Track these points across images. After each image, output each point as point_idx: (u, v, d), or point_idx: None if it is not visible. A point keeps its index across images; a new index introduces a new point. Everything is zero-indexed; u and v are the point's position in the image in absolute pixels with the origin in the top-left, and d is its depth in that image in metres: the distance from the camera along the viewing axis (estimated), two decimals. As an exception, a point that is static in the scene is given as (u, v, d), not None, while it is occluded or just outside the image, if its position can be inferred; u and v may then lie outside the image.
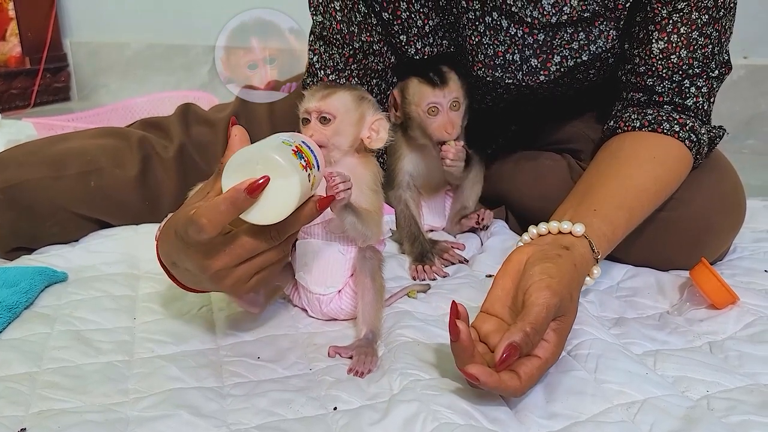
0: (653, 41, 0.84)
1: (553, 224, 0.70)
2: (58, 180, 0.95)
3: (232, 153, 0.57)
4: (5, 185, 0.93)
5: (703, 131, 0.85)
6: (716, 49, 0.84)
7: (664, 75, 0.85)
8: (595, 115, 1.01)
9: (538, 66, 0.88)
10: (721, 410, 0.58)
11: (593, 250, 0.70)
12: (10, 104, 2.52)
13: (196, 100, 1.61)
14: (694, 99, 0.86)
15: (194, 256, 0.59)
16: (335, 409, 0.60)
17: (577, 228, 0.69)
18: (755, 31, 1.76)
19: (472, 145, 0.98)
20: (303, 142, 0.60)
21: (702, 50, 0.83)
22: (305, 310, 0.78)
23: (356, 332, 0.73)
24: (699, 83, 0.85)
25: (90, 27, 2.74)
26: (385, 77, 0.95)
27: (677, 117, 0.85)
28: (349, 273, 0.75)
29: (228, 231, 0.59)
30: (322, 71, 0.92)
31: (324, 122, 0.71)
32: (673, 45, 0.83)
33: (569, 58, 0.88)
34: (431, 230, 1.05)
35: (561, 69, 0.88)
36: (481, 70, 0.91)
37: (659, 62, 0.84)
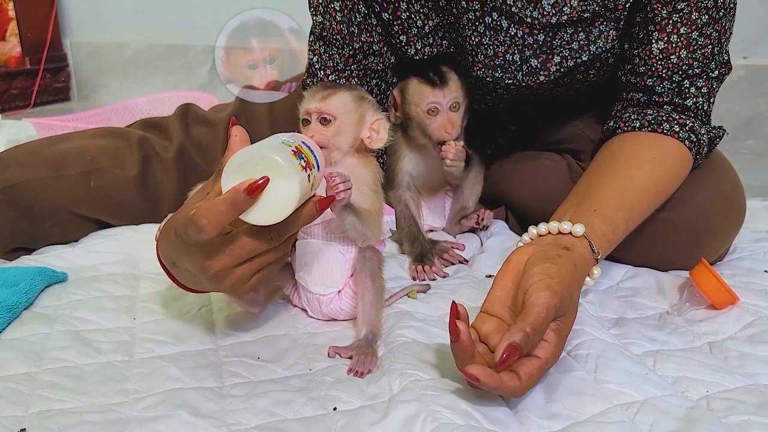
0: (653, 41, 0.84)
1: (553, 224, 0.70)
2: (58, 180, 0.95)
3: (232, 153, 0.57)
4: (5, 185, 0.93)
5: (702, 131, 0.85)
6: (716, 50, 0.84)
7: (663, 75, 0.85)
8: (595, 116, 1.01)
9: (538, 66, 0.88)
10: (721, 410, 0.58)
11: (593, 251, 0.70)
12: (10, 104, 2.52)
13: (196, 100, 1.61)
14: (694, 99, 0.86)
15: (194, 256, 0.59)
16: (335, 409, 0.60)
17: (577, 228, 0.69)
18: (755, 31, 1.76)
19: (472, 145, 0.98)
20: (303, 142, 0.60)
21: (702, 50, 0.83)
22: (305, 311, 0.78)
23: (356, 332, 0.73)
24: (699, 83, 0.85)
25: (90, 27, 2.74)
26: (384, 77, 0.95)
27: (677, 117, 0.85)
28: (349, 273, 0.75)
29: (228, 231, 0.59)
30: (321, 71, 0.92)
31: (324, 123, 0.71)
32: (673, 45, 0.83)
33: (569, 59, 0.88)
34: (431, 230, 1.05)
35: (561, 69, 0.88)
36: (481, 71, 0.91)
37: (659, 62, 0.84)
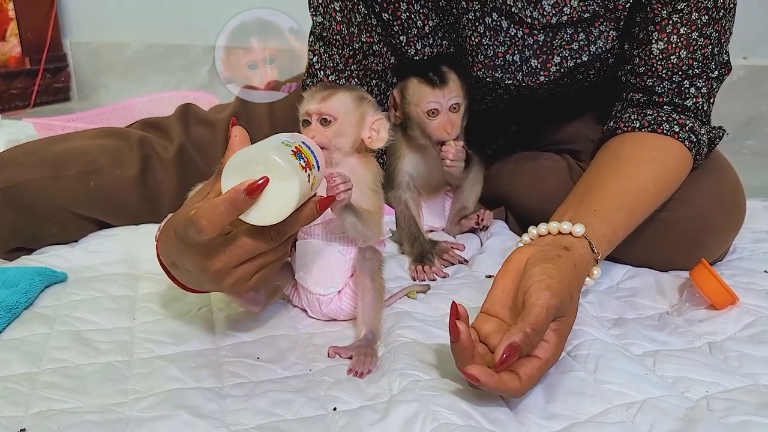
0: (653, 42, 0.84)
1: (553, 225, 0.70)
2: (58, 180, 0.95)
3: (232, 153, 0.57)
4: (5, 185, 0.93)
5: (702, 132, 0.85)
6: (716, 50, 0.84)
7: (663, 75, 0.85)
8: (595, 116, 1.01)
9: (538, 67, 0.88)
10: (721, 411, 0.58)
11: (593, 251, 0.70)
12: (10, 104, 2.52)
13: (196, 100, 1.61)
14: (694, 99, 0.86)
15: (194, 256, 0.59)
16: (335, 409, 0.60)
17: (577, 228, 0.69)
18: (755, 31, 1.76)
19: (472, 145, 0.98)
20: (303, 142, 0.60)
21: (702, 51, 0.83)
22: (305, 311, 0.78)
23: (356, 333, 0.73)
24: (699, 84, 0.85)
25: (90, 27, 2.74)
26: (384, 78, 0.95)
27: (677, 117, 0.85)
28: (349, 273, 0.75)
29: (228, 231, 0.59)
30: (321, 72, 0.92)
31: (325, 124, 0.71)
32: (673, 45, 0.83)
33: (569, 59, 0.88)
34: (431, 231, 1.05)
35: (561, 69, 0.88)
36: (481, 71, 0.91)
37: (659, 63, 0.84)
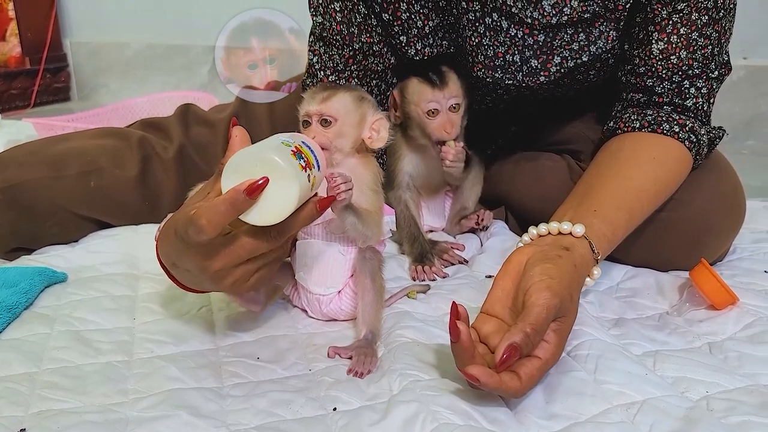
0: (653, 42, 0.84)
1: (553, 225, 0.70)
2: (58, 180, 0.95)
3: (233, 153, 0.57)
4: (5, 185, 0.93)
5: (702, 132, 0.85)
6: (716, 50, 0.84)
7: (663, 76, 0.85)
8: (595, 116, 1.01)
9: (538, 67, 0.88)
10: (721, 411, 0.58)
11: (593, 251, 0.70)
12: (10, 104, 2.52)
13: (196, 100, 1.61)
14: (694, 100, 0.86)
15: (194, 256, 0.59)
16: (335, 409, 0.60)
17: (577, 229, 0.69)
18: (755, 32, 1.76)
19: (472, 145, 0.98)
20: (303, 142, 0.60)
21: (702, 51, 0.83)
22: (305, 311, 0.78)
23: (356, 333, 0.73)
24: (699, 84, 0.85)
25: (90, 27, 2.74)
26: (384, 78, 0.95)
27: (677, 118, 0.85)
28: (349, 273, 0.75)
29: (228, 231, 0.59)
30: (321, 72, 0.92)
31: (325, 125, 0.71)
32: (673, 46, 0.83)
33: (569, 59, 0.88)
34: (431, 231, 1.05)
35: (561, 70, 0.88)
36: (481, 71, 0.91)
37: (659, 63, 0.84)
